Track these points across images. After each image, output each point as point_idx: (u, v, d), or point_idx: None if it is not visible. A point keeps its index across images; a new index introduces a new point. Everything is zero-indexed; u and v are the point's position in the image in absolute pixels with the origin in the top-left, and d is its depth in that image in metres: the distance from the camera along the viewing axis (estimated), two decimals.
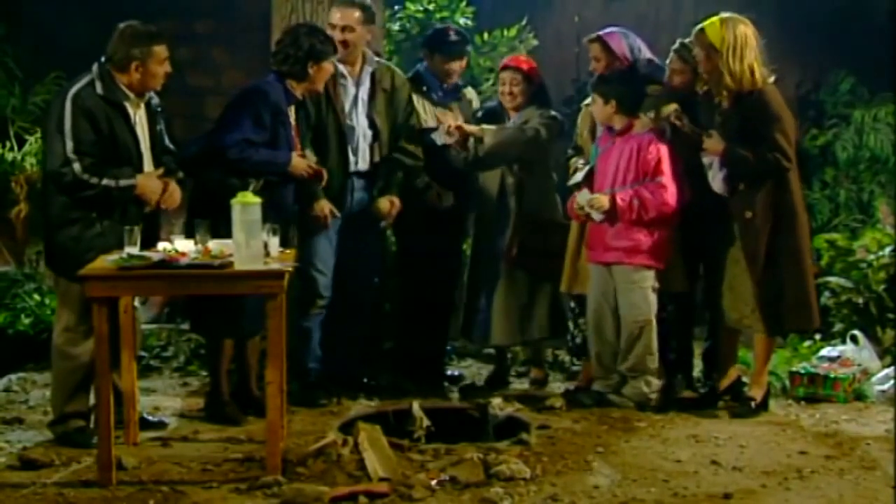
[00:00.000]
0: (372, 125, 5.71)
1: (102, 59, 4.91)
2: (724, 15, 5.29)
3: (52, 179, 4.83)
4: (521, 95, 5.88)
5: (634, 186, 5.36)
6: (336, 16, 5.61)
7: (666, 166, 5.34)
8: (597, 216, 5.45)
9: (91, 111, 4.79)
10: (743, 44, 5.19)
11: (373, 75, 5.72)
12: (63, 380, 4.94)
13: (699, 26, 5.32)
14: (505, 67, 5.98)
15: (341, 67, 5.61)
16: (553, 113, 5.93)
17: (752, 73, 5.20)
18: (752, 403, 5.41)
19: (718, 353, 5.77)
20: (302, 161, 5.35)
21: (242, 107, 5.26)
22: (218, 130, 5.27)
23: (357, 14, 5.61)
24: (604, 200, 5.39)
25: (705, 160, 5.35)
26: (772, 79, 5.32)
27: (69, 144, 4.75)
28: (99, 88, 4.83)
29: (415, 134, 5.82)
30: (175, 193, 5.01)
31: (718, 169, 5.30)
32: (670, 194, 5.34)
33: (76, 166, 4.75)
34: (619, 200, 5.36)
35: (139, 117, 4.98)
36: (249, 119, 5.19)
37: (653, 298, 5.43)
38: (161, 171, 5.01)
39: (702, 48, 5.30)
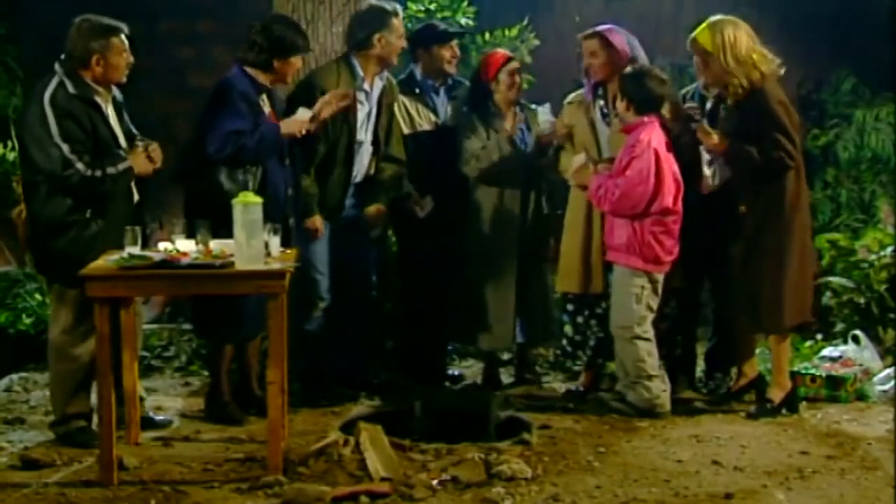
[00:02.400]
0: (375, 140, 5.71)
1: (62, 57, 4.90)
2: (712, 19, 5.28)
3: (58, 184, 4.80)
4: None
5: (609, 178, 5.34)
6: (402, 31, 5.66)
7: (634, 168, 5.22)
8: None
9: (71, 111, 4.80)
10: (733, 43, 5.17)
11: (381, 90, 5.71)
12: (64, 380, 4.94)
13: (691, 36, 5.31)
14: None
15: (366, 84, 5.61)
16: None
17: (755, 66, 5.17)
18: (769, 405, 5.38)
19: (721, 353, 5.78)
20: (291, 121, 5.26)
21: (218, 106, 5.19)
22: (202, 136, 5.19)
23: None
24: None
25: (706, 156, 5.35)
26: (781, 70, 5.31)
27: (65, 147, 4.75)
28: (70, 88, 4.83)
29: (397, 139, 5.81)
30: (157, 149, 5.03)
31: (719, 166, 5.30)
32: (624, 193, 5.21)
33: (80, 165, 4.75)
34: (590, 184, 5.37)
35: (110, 110, 5.00)
36: (228, 114, 5.13)
37: (637, 308, 5.31)
38: (137, 147, 5.02)
39: (697, 55, 5.31)
